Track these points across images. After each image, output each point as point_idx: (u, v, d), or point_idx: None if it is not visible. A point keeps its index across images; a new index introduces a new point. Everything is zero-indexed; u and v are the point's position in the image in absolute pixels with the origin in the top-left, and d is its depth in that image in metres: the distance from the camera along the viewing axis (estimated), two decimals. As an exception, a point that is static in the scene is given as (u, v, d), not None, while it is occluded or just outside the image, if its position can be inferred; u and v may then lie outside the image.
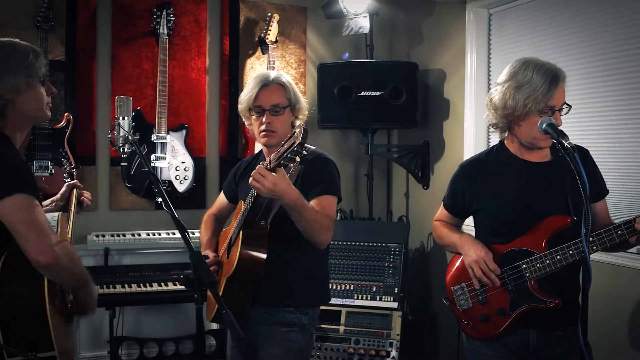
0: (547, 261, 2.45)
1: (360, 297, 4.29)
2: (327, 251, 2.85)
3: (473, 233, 2.72)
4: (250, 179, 2.41)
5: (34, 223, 2.01)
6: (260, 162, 2.51)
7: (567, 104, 2.51)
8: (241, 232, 2.60)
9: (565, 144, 2.25)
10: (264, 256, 2.57)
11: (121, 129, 2.64)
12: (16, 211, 2.01)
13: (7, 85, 2.16)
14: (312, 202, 2.66)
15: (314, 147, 2.77)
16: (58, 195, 2.82)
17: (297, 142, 2.20)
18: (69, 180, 2.95)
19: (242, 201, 2.77)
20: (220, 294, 2.71)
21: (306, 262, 2.76)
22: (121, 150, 2.69)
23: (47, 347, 2.09)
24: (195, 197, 4.67)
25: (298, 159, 2.25)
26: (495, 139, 4.29)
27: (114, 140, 2.67)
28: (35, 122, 2.39)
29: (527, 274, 2.48)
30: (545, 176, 2.56)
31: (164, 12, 4.48)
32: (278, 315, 2.72)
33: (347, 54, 5.16)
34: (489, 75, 4.40)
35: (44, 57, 2.32)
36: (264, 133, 2.78)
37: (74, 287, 2.28)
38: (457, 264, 2.72)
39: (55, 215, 2.58)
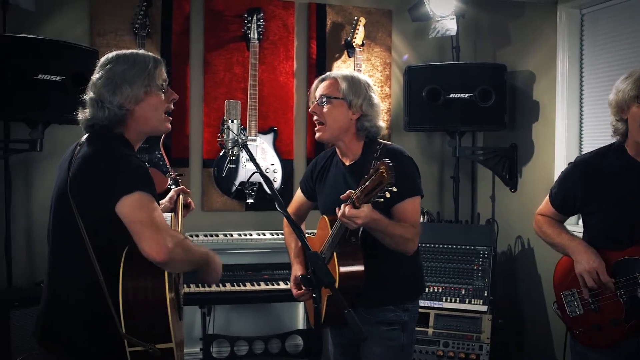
0: None
1: (448, 300, 4.28)
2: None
3: (573, 230, 2.67)
4: (340, 215, 2.43)
5: (151, 221, 2.08)
6: (347, 202, 2.45)
7: None
8: (335, 253, 2.62)
9: None
10: (362, 268, 2.61)
11: (230, 131, 2.70)
12: (135, 209, 2.08)
13: (125, 95, 2.26)
14: (396, 209, 2.68)
15: (389, 143, 2.77)
16: (167, 199, 2.91)
17: (384, 182, 2.20)
18: (174, 186, 3.03)
19: (325, 217, 2.80)
20: (323, 312, 2.75)
21: (398, 262, 2.76)
22: (230, 153, 2.75)
23: (166, 339, 2.14)
24: (283, 199, 4.68)
25: (388, 195, 2.27)
26: (587, 142, 4.25)
27: (224, 142, 2.73)
28: (154, 132, 2.45)
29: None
30: None
31: (254, 17, 4.57)
32: (378, 314, 2.74)
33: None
34: (581, 77, 4.32)
35: (164, 65, 2.41)
36: (316, 128, 2.84)
37: (193, 269, 2.35)
38: (567, 268, 2.68)
39: (169, 215, 2.66)
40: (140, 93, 2.29)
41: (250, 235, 4.45)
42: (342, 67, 4.91)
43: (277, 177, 4.60)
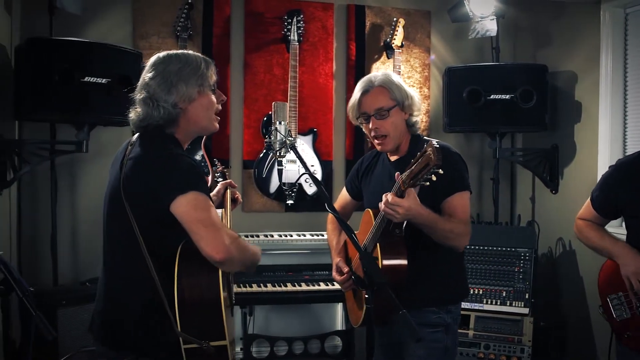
0: None
1: (489, 302, 4.26)
2: None
3: (616, 233, 2.64)
4: (382, 206, 2.42)
5: (208, 221, 2.09)
6: (392, 191, 2.46)
7: None
8: (378, 244, 2.60)
9: None
10: (405, 262, 2.56)
11: (278, 133, 2.72)
12: (191, 209, 2.10)
13: (181, 94, 2.28)
14: (444, 204, 2.67)
15: (435, 140, 2.77)
16: (214, 193, 2.91)
17: (431, 164, 2.19)
18: (221, 179, 3.05)
19: (369, 210, 2.78)
20: (364, 306, 2.75)
21: (443, 261, 2.75)
22: (278, 154, 2.77)
23: (220, 337, 2.16)
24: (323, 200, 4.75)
25: (434, 178, 2.26)
26: (632, 144, 4.19)
27: (272, 144, 2.75)
28: (203, 132, 2.47)
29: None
30: None
31: (294, 19, 4.60)
32: (421, 316, 2.71)
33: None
34: (626, 78, 4.27)
35: (214, 67, 2.43)
36: (377, 141, 2.79)
37: (244, 269, 2.35)
38: (612, 271, 2.65)
39: (219, 211, 2.68)
40: (194, 92, 2.30)
41: (291, 236, 4.47)
42: (381, 69, 4.91)
43: (305, 179, 4.61)
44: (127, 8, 4.50)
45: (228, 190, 2.92)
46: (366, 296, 2.21)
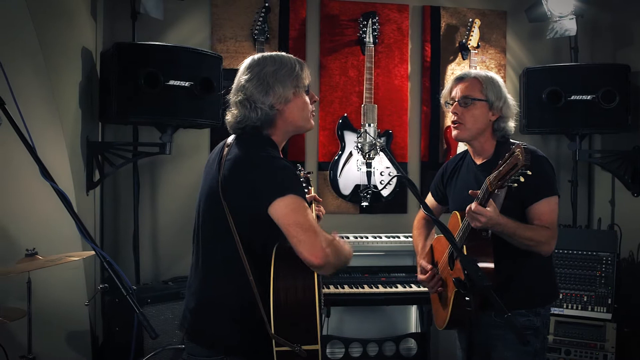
0: None
1: (569, 307, 4.18)
2: None
3: None
4: (466, 214, 2.48)
5: (306, 224, 2.10)
6: (475, 199, 2.48)
7: None
8: (465, 246, 2.61)
9: None
10: (492, 265, 2.55)
11: (367, 135, 2.73)
12: (289, 212, 2.11)
13: (277, 95, 2.30)
14: (531, 209, 2.65)
15: (523, 143, 2.73)
16: None
17: (519, 165, 2.18)
18: (304, 184, 3.07)
19: (456, 212, 2.77)
20: (450, 307, 2.74)
21: (531, 263, 2.73)
22: (367, 156, 2.78)
23: (313, 341, 2.17)
24: (398, 202, 4.76)
25: (522, 179, 2.24)
26: None
27: (361, 145, 2.76)
28: (299, 131, 2.49)
29: None
30: None
31: (370, 21, 4.60)
32: (510, 318, 2.70)
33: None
34: None
35: (307, 68, 2.45)
36: (453, 126, 2.82)
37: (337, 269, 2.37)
38: None
39: None
40: (290, 94, 2.33)
41: (366, 237, 4.46)
42: (456, 70, 4.87)
43: (392, 181, 4.60)
44: (206, 12, 4.58)
45: (313, 204, 2.93)
46: (467, 299, 2.19)
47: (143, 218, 4.36)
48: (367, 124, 2.71)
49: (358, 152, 2.83)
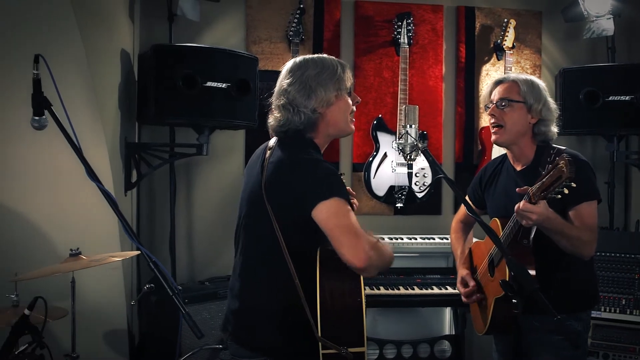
0: None
1: (607, 310, 4.13)
2: None
3: None
4: (515, 209, 2.45)
5: (350, 227, 2.10)
6: (524, 198, 2.45)
7: None
8: None
9: None
10: (534, 273, 2.53)
11: (409, 136, 2.72)
12: (332, 215, 2.11)
13: (319, 99, 2.30)
14: (572, 213, 2.63)
15: (563, 147, 2.70)
16: None
17: (564, 177, 2.16)
18: None
19: (496, 219, 2.76)
20: (490, 313, 2.72)
21: (572, 268, 2.71)
22: (409, 158, 2.76)
23: (359, 343, 2.16)
24: (432, 203, 4.75)
25: (566, 191, 2.22)
26: None
27: (402, 147, 2.75)
28: (340, 134, 2.50)
29: None
30: None
31: (404, 22, 4.59)
32: (549, 322, 2.66)
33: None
34: None
35: (349, 70, 2.45)
36: (492, 130, 2.81)
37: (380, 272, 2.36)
38: None
39: None
40: (332, 97, 2.33)
41: (401, 239, 4.45)
42: (490, 71, 4.85)
43: (427, 182, 4.59)
44: (241, 14, 4.60)
45: None
46: (514, 301, 2.17)
47: (178, 218, 4.39)
48: (408, 125, 2.69)
49: (399, 153, 2.81)
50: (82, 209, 3.48)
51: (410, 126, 2.74)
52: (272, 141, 2.40)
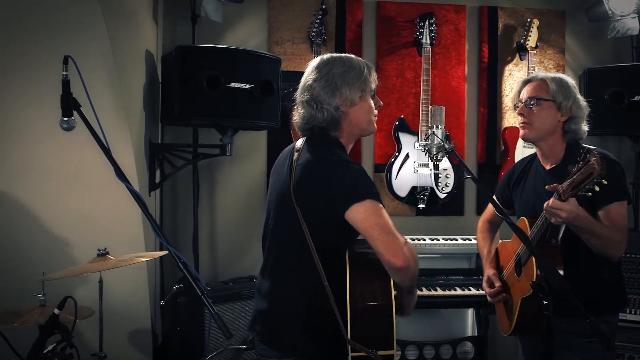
0: None
1: (632, 312, 4.09)
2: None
3: None
4: (545, 206, 2.44)
5: (388, 227, 2.11)
6: (554, 195, 2.44)
7: None
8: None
9: None
10: (562, 273, 2.51)
11: (435, 137, 2.70)
12: (369, 215, 2.11)
13: (344, 97, 2.30)
14: (601, 213, 2.61)
15: (593, 147, 2.68)
16: None
17: (595, 174, 2.15)
18: None
19: (524, 218, 2.74)
20: (516, 313, 2.71)
21: (600, 270, 2.69)
22: (435, 159, 2.75)
23: (388, 346, 2.15)
24: (454, 204, 4.73)
25: (597, 188, 2.20)
26: None
27: (429, 147, 2.74)
28: (362, 134, 2.49)
29: None
30: None
31: (427, 22, 4.57)
32: (576, 324, 2.63)
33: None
34: None
35: (375, 72, 2.44)
36: (520, 125, 2.81)
37: (409, 287, 2.35)
38: None
39: None
40: (356, 97, 2.33)
41: (424, 240, 4.44)
42: (513, 71, 4.82)
43: (449, 182, 4.57)
44: (263, 15, 4.61)
45: None
46: (545, 302, 2.16)
47: (201, 219, 4.40)
48: (434, 126, 2.68)
49: (425, 154, 2.82)
50: (108, 210, 3.50)
51: (437, 127, 2.73)
52: (299, 142, 2.39)
